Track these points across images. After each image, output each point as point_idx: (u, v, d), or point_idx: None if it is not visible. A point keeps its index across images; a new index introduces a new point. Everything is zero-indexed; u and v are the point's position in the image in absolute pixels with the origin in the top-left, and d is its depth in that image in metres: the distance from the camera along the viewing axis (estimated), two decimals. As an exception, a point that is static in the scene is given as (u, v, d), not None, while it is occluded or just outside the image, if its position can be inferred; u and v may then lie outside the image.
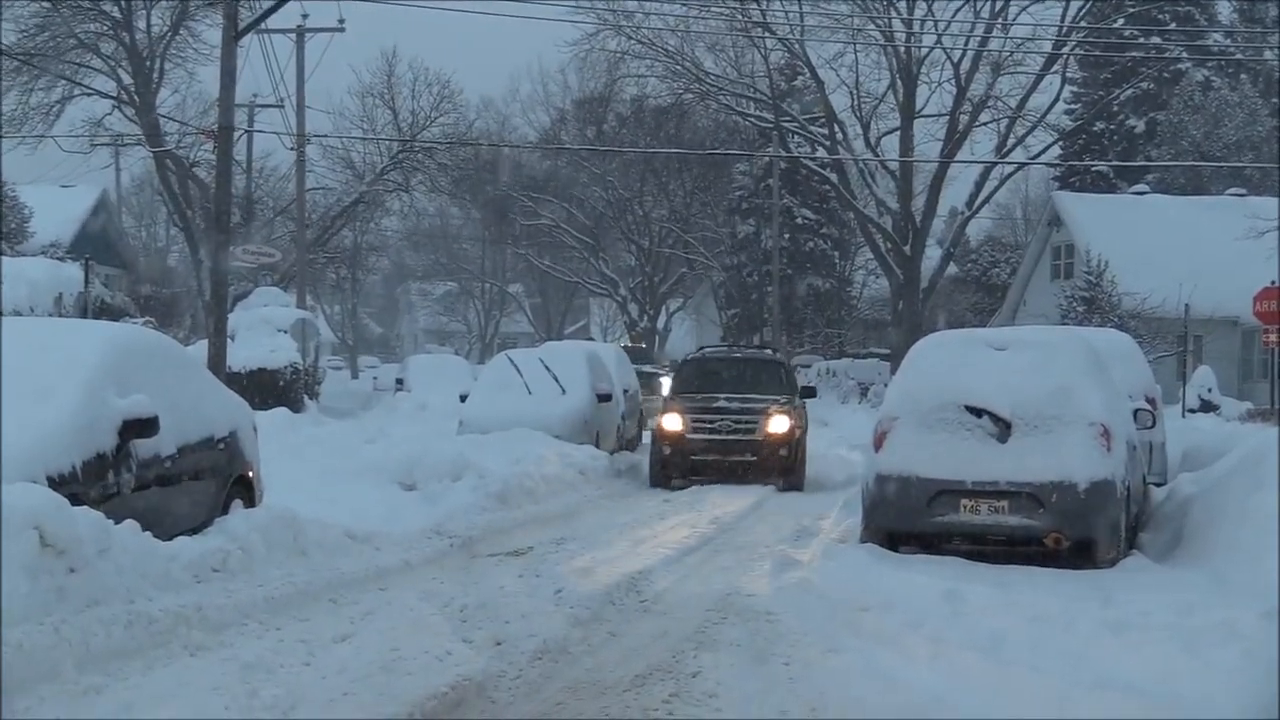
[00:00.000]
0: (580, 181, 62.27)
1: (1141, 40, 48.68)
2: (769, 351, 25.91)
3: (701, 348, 25.70)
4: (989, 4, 41.65)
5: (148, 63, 40.32)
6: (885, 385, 23.64)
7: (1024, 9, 42.21)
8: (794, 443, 20.54)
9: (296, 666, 7.86)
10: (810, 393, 23.38)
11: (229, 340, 23.34)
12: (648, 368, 39.36)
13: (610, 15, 43.08)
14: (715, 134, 56.98)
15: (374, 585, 10.78)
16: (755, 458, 20.43)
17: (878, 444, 11.98)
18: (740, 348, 33.05)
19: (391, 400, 37.62)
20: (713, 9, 43.30)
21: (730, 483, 20.03)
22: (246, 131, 41.30)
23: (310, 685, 7.41)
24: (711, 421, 20.64)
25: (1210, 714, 6.80)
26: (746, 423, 20.58)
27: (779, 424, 20.54)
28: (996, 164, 43.96)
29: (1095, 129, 53.76)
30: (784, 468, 20.38)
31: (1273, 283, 27.88)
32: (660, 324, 64.69)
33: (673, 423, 20.73)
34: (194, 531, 10.31)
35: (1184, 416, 27.83)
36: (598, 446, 21.68)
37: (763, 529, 15.41)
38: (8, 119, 38.36)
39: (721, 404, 20.98)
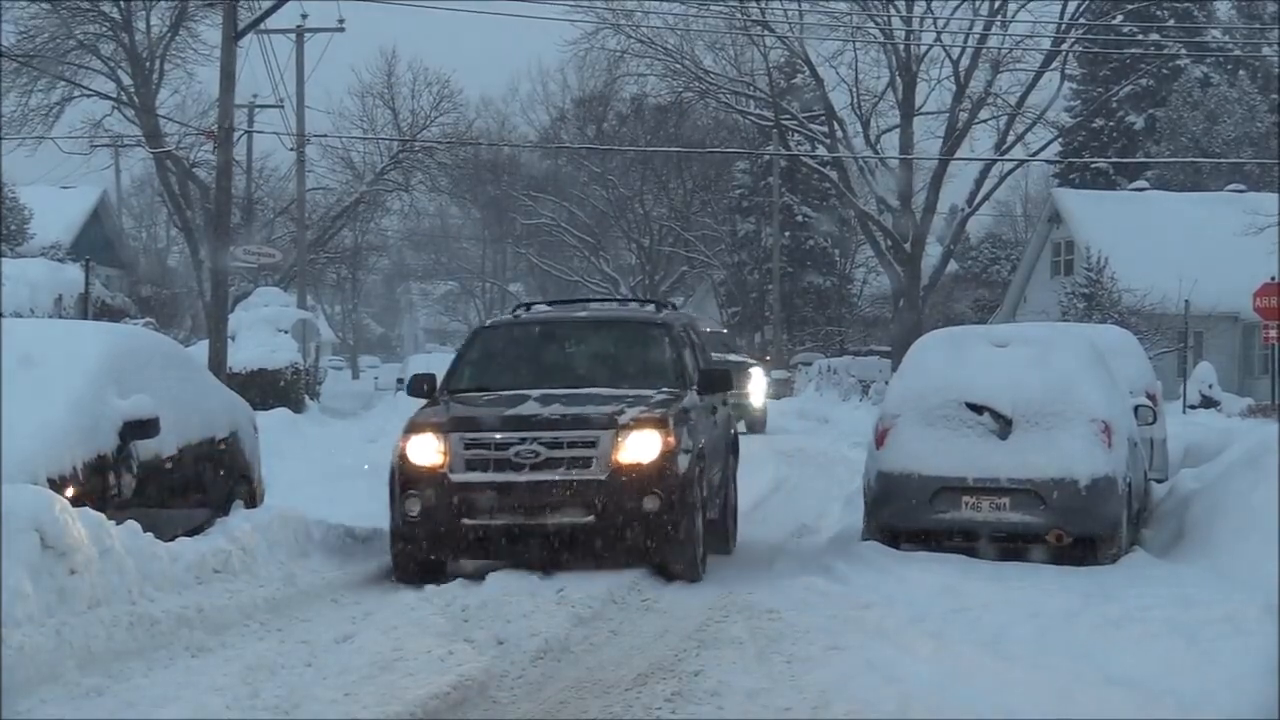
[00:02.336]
0: (580, 180, 62.24)
1: (1140, 37, 48.63)
2: (649, 308, 14.84)
3: (518, 305, 14.54)
4: (988, 1, 41.64)
5: (147, 64, 40.30)
6: (886, 383, 23.59)
7: (1023, 6, 42.21)
8: (675, 481, 10.85)
9: (298, 667, 7.87)
10: (720, 381, 12.83)
11: (229, 340, 23.37)
12: (732, 357, 31.52)
13: (609, 14, 43.05)
14: (715, 132, 56.95)
15: (375, 585, 10.79)
16: (592, 518, 10.82)
17: (879, 441, 11.97)
18: (587, 302, 19.72)
19: (392, 400, 37.61)
20: (712, 7, 43.29)
21: (544, 571, 10.79)
22: (246, 132, 41.26)
23: (312, 685, 7.41)
24: (503, 446, 10.92)
25: (1212, 708, 6.80)
26: (572, 445, 10.94)
27: (641, 445, 10.90)
28: (996, 161, 43.92)
29: (1095, 126, 53.72)
30: (655, 535, 10.89)
31: (1272, 278, 27.89)
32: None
33: (423, 451, 11.01)
34: (195, 532, 10.33)
35: (1185, 413, 27.84)
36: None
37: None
38: (8, 120, 38.34)
39: (529, 409, 11.30)
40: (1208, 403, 30.41)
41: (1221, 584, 9.62)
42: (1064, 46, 43.43)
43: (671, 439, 10.97)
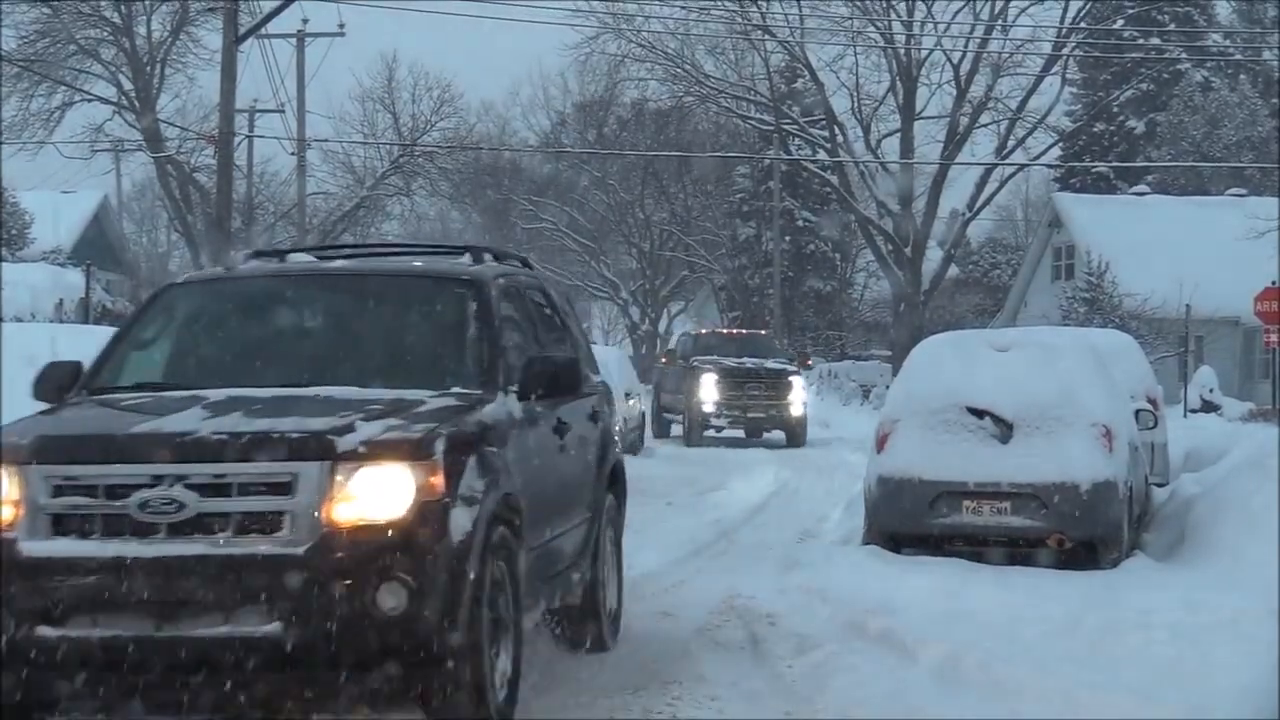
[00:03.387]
0: (581, 185, 62.34)
1: (1141, 41, 48.69)
2: (464, 259, 8.21)
3: (252, 253, 8.84)
4: (988, 5, 41.70)
5: (148, 68, 40.36)
6: (887, 387, 23.59)
7: (1023, 10, 42.29)
8: (441, 558, 5.87)
9: (299, 670, 7.84)
10: (560, 378, 7.37)
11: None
12: (769, 363, 30.34)
13: (610, 19, 43.13)
14: (716, 137, 57.03)
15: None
16: (278, 625, 5.71)
17: (880, 445, 11.97)
18: (368, 249, 11.62)
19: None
20: (713, 12, 43.37)
21: None
22: (247, 136, 41.32)
23: (313, 689, 7.39)
24: (119, 491, 5.88)
25: (1215, 713, 6.80)
26: (247, 490, 5.91)
27: (376, 491, 5.92)
28: (997, 165, 43.98)
29: (1095, 130, 53.74)
30: (397, 661, 5.83)
31: (1273, 283, 27.92)
32: (661, 327, 64.71)
33: None
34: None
35: (1186, 417, 27.81)
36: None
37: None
38: (8, 125, 38.41)
39: (181, 422, 6.19)
40: (1209, 407, 30.37)
41: (1223, 588, 9.59)
42: (1065, 51, 43.50)
43: (438, 479, 6.05)
